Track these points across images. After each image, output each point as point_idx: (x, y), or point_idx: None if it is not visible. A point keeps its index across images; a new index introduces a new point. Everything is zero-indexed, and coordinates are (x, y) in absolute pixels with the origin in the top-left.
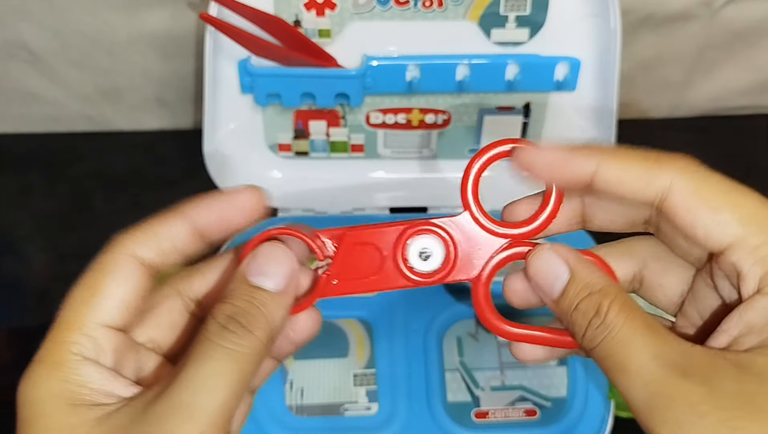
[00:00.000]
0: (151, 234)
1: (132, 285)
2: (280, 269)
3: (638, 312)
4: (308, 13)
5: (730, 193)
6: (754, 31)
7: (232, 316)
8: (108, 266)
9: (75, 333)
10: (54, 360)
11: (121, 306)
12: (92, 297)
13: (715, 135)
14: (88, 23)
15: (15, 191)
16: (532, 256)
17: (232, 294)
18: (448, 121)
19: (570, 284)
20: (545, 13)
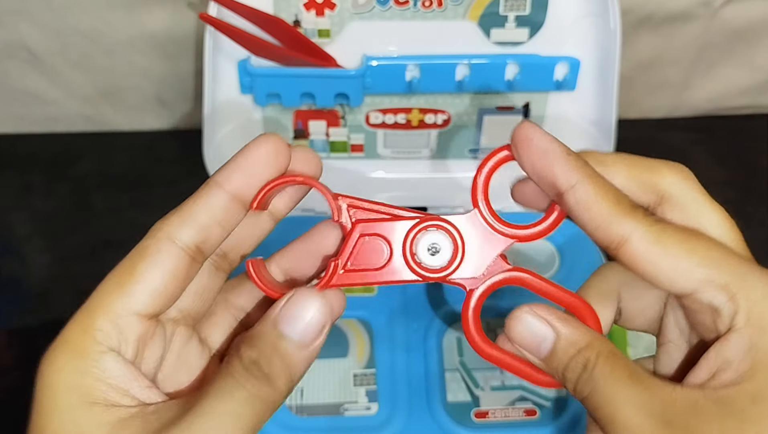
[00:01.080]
0: (187, 213)
1: (168, 268)
2: (311, 323)
3: (621, 363)
4: (308, 13)
5: (689, 239)
6: (754, 30)
7: (256, 361)
8: (145, 250)
9: (102, 319)
10: (77, 345)
11: (154, 291)
12: (125, 283)
13: (714, 135)
14: (88, 23)
15: (15, 191)
16: (513, 321)
17: (258, 337)
18: (448, 121)
19: (557, 344)
20: (545, 13)
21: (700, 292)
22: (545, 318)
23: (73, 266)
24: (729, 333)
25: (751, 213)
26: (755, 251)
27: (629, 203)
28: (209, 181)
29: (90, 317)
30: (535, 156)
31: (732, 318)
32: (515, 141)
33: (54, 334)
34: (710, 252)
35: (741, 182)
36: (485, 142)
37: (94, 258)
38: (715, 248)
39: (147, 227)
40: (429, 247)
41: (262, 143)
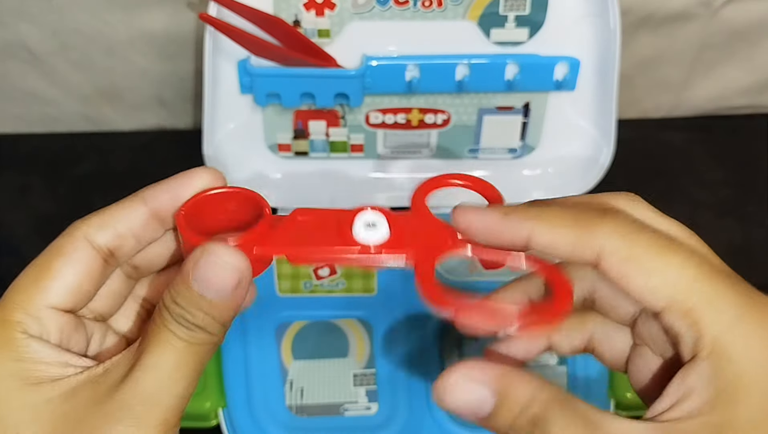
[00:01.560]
0: (108, 218)
1: (83, 268)
2: (225, 281)
3: (574, 410)
4: (307, 13)
5: (661, 254)
6: (754, 30)
7: (182, 315)
8: (61, 248)
9: (20, 313)
10: (1, 339)
11: (69, 288)
12: (41, 279)
13: (714, 135)
14: (88, 23)
15: (14, 191)
16: (444, 387)
17: (177, 293)
18: (448, 121)
19: (498, 407)
20: (545, 12)
21: (666, 314)
22: (481, 379)
23: None
24: (693, 360)
25: (751, 213)
26: (755, 251)
27: (591, 217)
28: (136, 193)
29: (8, 311)
30: (482, 237)
31: (695, 345)
32: (460, 229)
33: None
34: (682, 270)
35: (741, 181)
36: (485, 142)
37: None
38: (688, 265)
39: None
40: (367, 223)
41: (199, 172)
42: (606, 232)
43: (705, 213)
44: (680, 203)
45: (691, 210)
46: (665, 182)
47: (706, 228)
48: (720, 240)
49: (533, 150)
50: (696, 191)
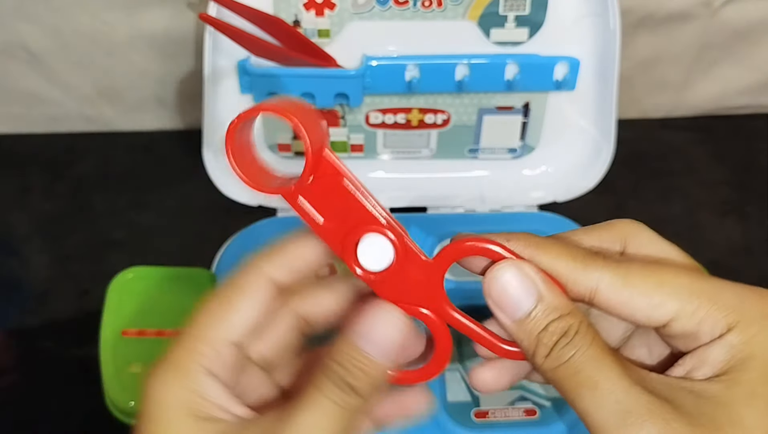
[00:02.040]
0: (286, 255)
1: (262, 304)
2: (391, 342)
3: (601, 337)
4: (307, 13)
5: (654, 274)
6: (754, 30)
7: (342, 378)
8: (243, 284)
9: (205, 345)
10: (182, 365)
11: (248, 325)
12: (225, 313)
13: (714, 134)
14: (88, 23)
15: (15, 191)
16: (496, 272)
17: (340, 354)
18: (448, 121)
19: (539, 306)
20: (544, 12)
21: (675, 321)
22: (531, 276)
23: (72, 266)
24: (708, 344)
25: (750, 213)
26: (755, 250)
27: (586, 255)
28: (307, 233)
29: (192, 342)
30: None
31: (710, 334)
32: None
33: (53, 334)
34: (677, 280)
35: (741, 181)
36: (485, 142)
37: (93, 258)
38: (680, 275)
39: (147, 226)
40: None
41: None
42: (598, 267)
43: (705, 213)
44: (680, 202)
45: (691, 210)
46: (665, 182)
47: (706, 228)
48: (720, 240)
49: (533, 150)
50: (696, 191)
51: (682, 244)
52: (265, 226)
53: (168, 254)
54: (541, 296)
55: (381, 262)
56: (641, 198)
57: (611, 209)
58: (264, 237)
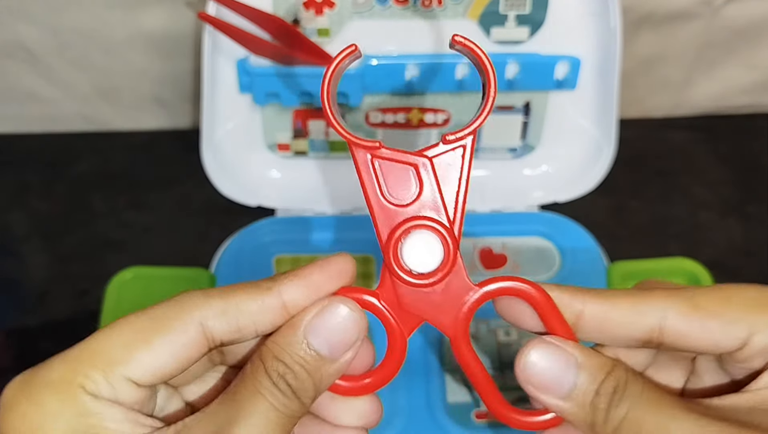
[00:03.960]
0: (233, 307)
1: (184, 354)
2: (344, 336)
3: (651, 380)
4: (307, 12)
5: (720, 295)
6: (755, 29)
7: (283, 375)
8: (169, 324)
9: (97, 373)
10: (66, 390)
11: (161, 370)
12: (134, 349)
13: (716, 134)
14: (86, 22)
15: (13, 190)
16: (526, 357)
17: (285, 347)
18: (448, 120)
19: (582, 375)
20: (545, 11)
21: (747, 347)
22: (561, 348)
23: (71, 266)
24: None
25: (752, 213)
26: (756, 250)
27: (640, 289)
28: (271, 282)
29: (85, 366)
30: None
31: None
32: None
33: (52, 334)
34: (744, 294)
35: (742, 181)
36: (485, 141)
37: (92, 258)
38: (746, 289)
39: (145, 226)
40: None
41: (337, 262)
42: (662, 297)
43: (706, 212)
44: (681, 202)
45: (693, 209)
46: (666, 182)
47: (707, 228)
48: (721, 239)
49: (534, 149)
50: (697, 191)
51: (683, 244)
52: (263, 226)
53: (167, 254)
54: (580, 363)
55: (425, 264)
56: (642, 198)
57: (612, 209)
58: (263, 237)
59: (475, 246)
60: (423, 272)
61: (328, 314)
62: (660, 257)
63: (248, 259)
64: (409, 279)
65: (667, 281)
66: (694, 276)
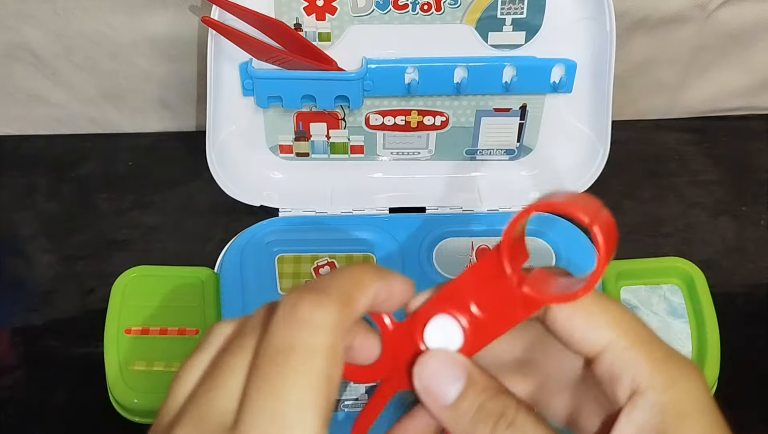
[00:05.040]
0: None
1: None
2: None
3: (541, 417)
4: (308, 17)
5: (602, 301)
6: (748, 32)
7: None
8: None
9: None
10: None
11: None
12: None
13: (710, 136)
14: (92, 26)
15: (19, 192)
16: (423, 360)
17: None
18: (446, 122)
19: (469, 387)
20: (542, 16)
21: (605, 354)
22: (459, 360)
23: (76, 266)
24: (632, 397)
25: (745, 214)
26: (750, 250)
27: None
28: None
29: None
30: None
31: (632, 382)
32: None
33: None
34: (619, 316)
35: (735, 182)
36: (483, 143)
37: (97, 258)
38: (624, 313)
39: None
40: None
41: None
42: None
43: (700, 213)
44: (675, 203)
45: (686, 210)
46: (660, 183)
47: (700, 228)
48: (714, 240)
49: (530, 151)
50: (691, 192)
51: (677, 244)
52: (267, 226)
53: (171, 254)
54: (471, 378)
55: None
56: (636, 198)
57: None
58: (266, 237)
59: (472, 246)
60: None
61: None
62: (654, 257)
63: (251, 258)
64: None
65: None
66: (688, 276)
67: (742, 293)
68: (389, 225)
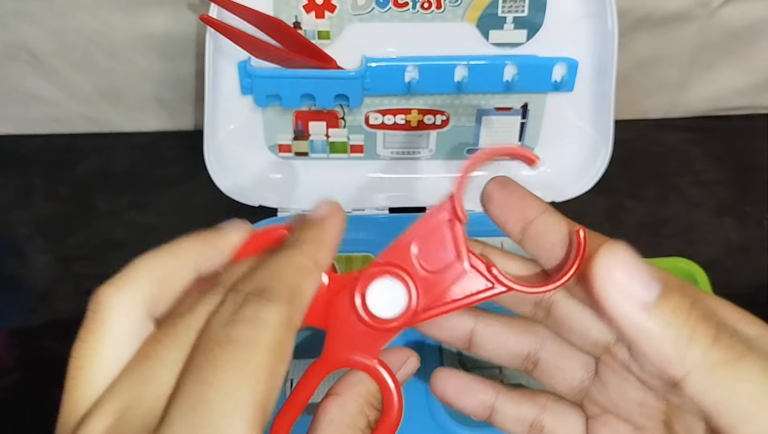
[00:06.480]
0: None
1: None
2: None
3: None
4: (307, 15)
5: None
6: (751, 31)
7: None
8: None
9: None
10: None
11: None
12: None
13: (712, 135)
14: (89, 24)
15: (17, 191)
16: (608, 251)
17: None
18: (447, 121)
19: (669, 289)
20: (543, 14)
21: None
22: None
23: (74, 266)
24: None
25: (748, 213)
26: (754, 251)
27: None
28: (179, 247)
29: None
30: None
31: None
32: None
33: (55, 333)
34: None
35: (739, 181)
36: (484, 142)
37: (95, 259)
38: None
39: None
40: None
41: (232, 231)
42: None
43: (703, 213)
44: (678, 203)
45: (689, 210)
46: (663, 183)
47: (703, 228)
48: (717, 240)
49: (531, 151)
50: (694, 191)
51: (680, 244)
52: None
53: None
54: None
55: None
56: (639, 198)
57: (609, 209)
58: None
59: None
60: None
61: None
62: (656, 257)
63: None
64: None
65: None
66: (690, 276)
67: (745, 294)
68: (389, 225)
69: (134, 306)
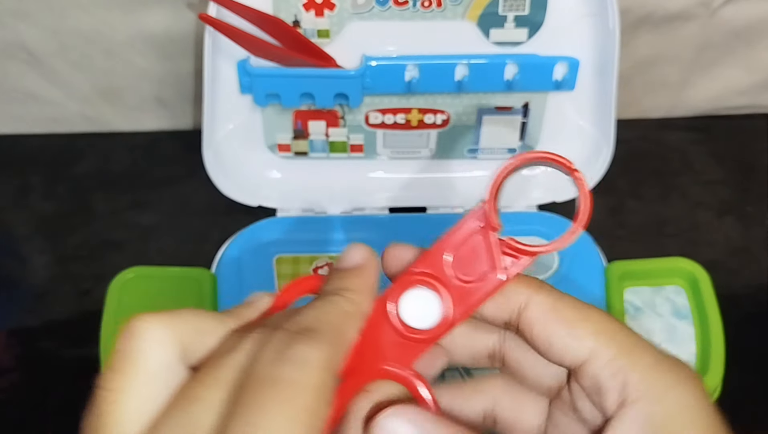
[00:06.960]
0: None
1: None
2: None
3: None
4: (307, 14)
5: (582, 309)
6: (753, 30)
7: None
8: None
9: None
10: None
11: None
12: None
13: (713, 135)
14: (87, 23)
15: (14, 191)
16: (381, 420)
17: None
18: (447, 121)
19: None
20: (544, 12)
21: (589, 364)
22: (418, 421)
23: (72, 266)
24: (621, 408)
25: (750, 213)
26: (754, 250)
27: (524, 278)
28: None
29: None
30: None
31: (621, 392)
32: None
33: (54, 334)
34: (602, 324)
35: (740, 181)
36: (484, 142)
37: (93, 259)
38: (606, 320)
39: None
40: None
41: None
42: (533, 287)
43: (704, 213)
44: (679, 202)
45: (690, 210)
46: (664, 182)
47: (705, 228)
48: (719, 240)
49: (532, 150)
50: (695, 191)
51: (681, 244)
52: (264, 226)
53: (168, 255)
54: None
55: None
56: (640, 198)
57: (610, 209)
58: (263, 237)
59: None
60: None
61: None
62: (658, 257)
63: (249, 259)
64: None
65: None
66: (692, 276)
67: (747, 294)
68: (389, 225)
69: (172, 345)
